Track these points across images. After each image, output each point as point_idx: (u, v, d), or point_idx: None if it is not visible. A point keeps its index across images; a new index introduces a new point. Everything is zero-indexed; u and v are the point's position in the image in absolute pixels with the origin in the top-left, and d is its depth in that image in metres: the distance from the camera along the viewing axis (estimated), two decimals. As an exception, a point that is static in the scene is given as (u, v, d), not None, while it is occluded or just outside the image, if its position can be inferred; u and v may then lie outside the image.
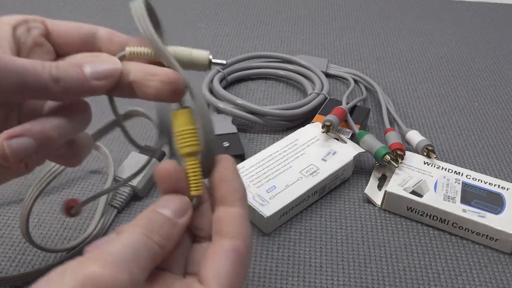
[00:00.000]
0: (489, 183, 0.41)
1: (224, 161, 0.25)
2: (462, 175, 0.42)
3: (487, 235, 0.38)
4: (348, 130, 0.47)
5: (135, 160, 0.43)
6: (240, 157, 0.45)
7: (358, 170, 0.46)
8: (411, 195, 0.40)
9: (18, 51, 0.25)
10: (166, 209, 0.23)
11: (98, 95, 0.25)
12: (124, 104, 0.36)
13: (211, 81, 0.56)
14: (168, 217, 0.23)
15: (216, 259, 0.23)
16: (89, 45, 0.27)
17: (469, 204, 0.39)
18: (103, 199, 0.39)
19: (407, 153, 0.45)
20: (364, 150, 0.44)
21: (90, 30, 0.27)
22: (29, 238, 0.34)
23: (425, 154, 0.44)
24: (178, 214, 0.23)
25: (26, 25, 0.25)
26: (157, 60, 0.26)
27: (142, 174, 0.41)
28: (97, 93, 0.24)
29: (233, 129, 0.48)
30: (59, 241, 0.38)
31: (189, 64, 0.26)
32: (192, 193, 0.24)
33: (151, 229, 0.22)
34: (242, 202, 0.25)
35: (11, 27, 0.25)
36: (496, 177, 0.45)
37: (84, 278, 0.18)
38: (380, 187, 0.43)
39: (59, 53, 0.27)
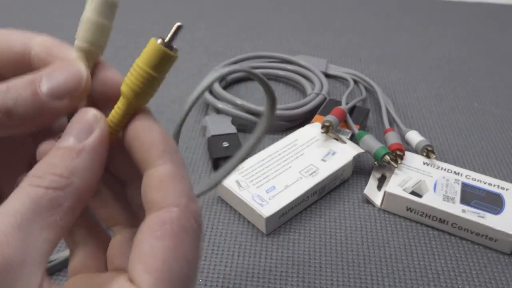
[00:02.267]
0: (489, 184, 0.41)
1: (138, 116, 0.19)
2: (461, 176, 0.42)
3: (487, 236, 0.38)
4: (347, 130, 0.47)
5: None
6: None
7: (357, 170, 0.46)
8: (410, 195, 0.40)
9: None
10: (66, 137, 0.18)
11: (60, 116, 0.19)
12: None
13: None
14: (65, 147, 0.17)
15: (143, 245, 0.17)
16: (25, 67, 0.20)
17: (468, 204, 0.39)
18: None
19: (407, 153, 0.45)
20: (363, 151, 0.44)
21: (22, 49, 0.20)
22: None
23: (424, 154, 0.44)
24: (80, 137, 0.18)
25: None
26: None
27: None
28: (60, 115, 0.19)
29: (232, 129, 0.48)
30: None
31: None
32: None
33: (40, 173, 0.17)
34: (164, 158, 0.18)
35: None
36: (496, 178, 0.45)
37: None
38: (379, 187, 0.43)
39: None
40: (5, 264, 0.15)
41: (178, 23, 0.18)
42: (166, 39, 0.18)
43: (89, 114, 0.18)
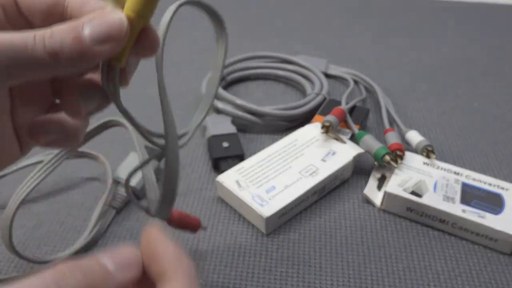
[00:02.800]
0: (489, 184, 0.41)
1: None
2: (461, 176, 0.42)
3: (487, 236, 0.38)
4: (347, 130, 0.47)
5: (134, 160, 0.43)
6: (240, 158, 0.45)
7: (357, 170, 0.46)
8: (410, 195, 0.40)
9: None
10: (107, 259, 0.19)
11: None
12: (101, 116, 0.35)
13: (211, 81, 0.56)
14: (103, 268, 0.19)
15: None
16: (57, 16, 0.22)
17: (468, 204, 0.39)
18: (101, 200, 0.39)
19: (407, 153, 0.45)
20: (363, 151, 0.44)
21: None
22: (14, 250, 0.33)
23: (424, 154, 0.44)
24: (119, 268, 0.19)
25: None
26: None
27: (140, 175, 0.41)
28: (100, 59, 0.21)
29: (232, 129, 0.48)
30: (58, 242, 0.38)
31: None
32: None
33: (73, 276, 0.18)
34: (178, 273, 0.20)
35: None
36: (496, 178, 0.45)
37: None
38: (379, 187, 0.43)
39: (29, 23, 0.23)
40: None
41: None
42: None
43: (135, 254, 0.20)
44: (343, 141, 0.45)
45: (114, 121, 0.39)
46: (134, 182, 0.41)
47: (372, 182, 0.44)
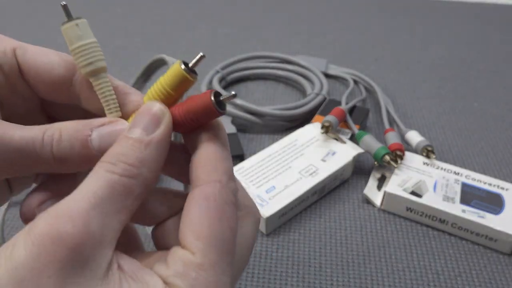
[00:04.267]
0: (489, 184, 0.41)
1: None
2: (461, 176, 0.42)
3: (487, 236, 0.38)
4: (347, 130, 0.47)
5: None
6: (240, 158, 0.45)
7: (357, 170, 0.46)
8: (410, 195, 0.40)
9: None
10: (134, 129, 0.19)
11: None
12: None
13: (211, 81, 0.56)
14: (134, 138, 0.19)
15: (191, 215, 0.18)
16: (63, 89, 0.21)
17: (468, 204, 0.39)
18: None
19: (407, 153, 0.45)
20: (363, 151, 0.44)
21: (65, 73, 0.21)
22: None
23: (424, 154, 0.44)
24: (149, 129, 0.19)
25: None
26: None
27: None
28: None
29: (232, 129, 0.48)
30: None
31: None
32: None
33: (113, 160, 0.18)
34: (213, 138, 0.20)
35: None
36: (496, 178, 0.45)
37: (33, 240, 0.16)
38: (379, 187, 0.43)
39: (33, 90, 0.22)
40: (88, 239, 0.16)
41: (201, 53, 0.20)
42: (190, 65, 0.20)
43: (156, 107, 0.20)
44: (343, 141, 0.45)
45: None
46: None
47: (372, 182, 0.44)
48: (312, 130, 0.46)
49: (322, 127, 0.45)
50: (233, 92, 0.20)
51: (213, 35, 0.72)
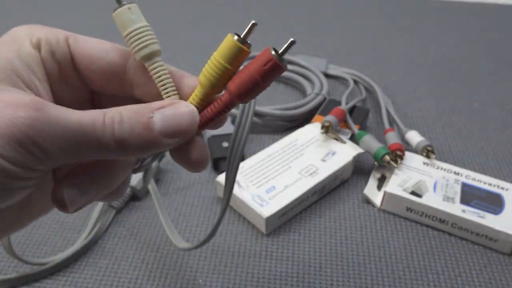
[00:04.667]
0: (489, 184, 0.41)
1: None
2: (461, 176, 0.42)
3: (487, 236, 0.38)
4: (347, 130, 0.47)
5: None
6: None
7: (357, 170, 0.46)
8: (410, 195, 0.40)
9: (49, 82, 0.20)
10: (157, 119, 0.19)
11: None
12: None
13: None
14: (150, 128, 0.19)
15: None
16: (116, 78, 0.21)
17: (468, 204, 0.39)
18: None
19: (407, 153, 0.45)
20: (363, 151, 0.44)
21: (119, 59, 0.21)
22: (13, 253, 0.32)
23: (424, 154, 0.44)
24: (166, 131, 0.19)
25: (49, 46, 0.20)
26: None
27: (141, 175, 0.41)
28: (162, 150, 0.20)
29: (232, 129, 0.48)
30: (58, 242, 0.38)
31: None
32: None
33: (118, 113, 0.19)
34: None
35: (34, 47, 0.20)
36: (496, 178, 0.45)
37: None
38: (379, 187, 0.43)
39: (84, 80, 0.22)
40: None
41: (253, 21, 0.19)
42: (242, 35, 0.19)
43: (188, 119, 0.19)
44: (343, 141, 0.45)
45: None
46: (134, 181, 0.41)
47: (372, 182, 0.44)
48: (312, 130, 0.46)
49: (322, 127, 0.45)
50: (292, 39, 0.19)
51: (213, 35, 0.72)
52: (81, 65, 0.21)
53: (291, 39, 0.19)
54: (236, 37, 0.19)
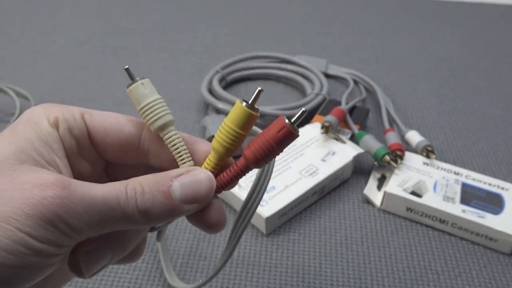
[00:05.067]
0: (489, 184, 0.41)
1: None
2: (461, 176, 0.42)
3: (487, 236, 0.38)
4: (347, 130, 0.47)
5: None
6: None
7: (357, 170, 0.46)
8: (410, 195, 0.40)
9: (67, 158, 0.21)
10: (177, 186, 0.20)
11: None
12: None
13: (211, 81, 0.56)
14: (170, 196, 0.20)
15: None
16: (131, 150, 0.22)
17: (468, 204, 0.39)
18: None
19: (407, 153, 0.45)
20: (363, 151, 0.44)
21: (134, 131, 0.22)
22: None
23: (424, 154, 0.44)
24: (185, 198, 0.20)
25: (67, 123, 0.21)
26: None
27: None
28: (182, 216, 0.21)
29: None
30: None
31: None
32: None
33: (141, 186, 0.19)
34: None
35: (52, 126, 0.20)
36: (496, 178, 0.45)
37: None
38: (379, 187, 0.43)
39: (99, 153, 0.23)
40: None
41: (259, 88, 0.20)
42: (250, 102, 0.21)
43: (206, 185, 0.20)
44: (343, 141, 0.45)
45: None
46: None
47: (372, 182, 0.44)
48: (312, 130, 0.46)
49: (322, 127, 0.45)
50: (303, 108, 0.20)
51: (213, 35, 0.72)
52: (97, 139, 0.22)
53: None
54: (244, 104, 0.20)
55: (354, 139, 0.46)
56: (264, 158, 0.21)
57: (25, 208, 0.17)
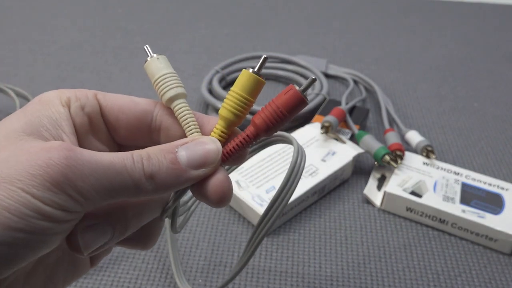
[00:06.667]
0: (489, 184, 0.41)
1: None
2: (461, 176, 0.42)
3: (487, 236, 0.38)
4: (347, 130, 0.47)
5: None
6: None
7: (357, 170, 0.46)
8: (410, 195, 0.40)
9: (77, 136, 0.21)
10: (183, 152, 0.20)
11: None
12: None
13: (211, 81, 0.56)
14: (176, 162, 0.20)
15: None
16: (144, 127, 0.22)
17: (468, 204, 0.39)
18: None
19: (407, 153, 0.45)
20: (363, 151, 0.44)
21: (147, 107, 0.22)
22: None
23: (424, 154, 0.44)
24: (193, 163, 0.20)
25: (79, 102, 0.21)
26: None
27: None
28: (191, 183, 0.21)
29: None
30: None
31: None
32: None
33: (147, 154, 0.20)
34: None
35: (63, 105, 0.21)
36: (496, 178, 0.45)
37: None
38: (379, 187, 0.43)
39: (111, 133, 0.23)
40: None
41: (264, 55, 0.21)
42: (256, 69, 0.21)
43: (213, 149, 0.20)
44: (343, 141, 0.45)
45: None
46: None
47: (372, 182, 0.44)
48: (312, 130, 0.46)
49: (322, 127, 0.45)
50: (313, 76, 0.20)
51: (213, 35, 0.72)
52: (110, 116, 0.22)
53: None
54: (251, 70, 0.21)
55: (354, 139, 0.46)
56: (274, 125, 0.21)
57: (30, 169, 0.17)
